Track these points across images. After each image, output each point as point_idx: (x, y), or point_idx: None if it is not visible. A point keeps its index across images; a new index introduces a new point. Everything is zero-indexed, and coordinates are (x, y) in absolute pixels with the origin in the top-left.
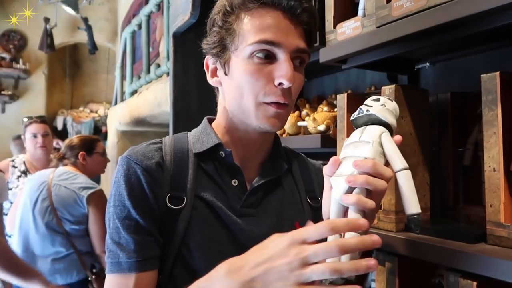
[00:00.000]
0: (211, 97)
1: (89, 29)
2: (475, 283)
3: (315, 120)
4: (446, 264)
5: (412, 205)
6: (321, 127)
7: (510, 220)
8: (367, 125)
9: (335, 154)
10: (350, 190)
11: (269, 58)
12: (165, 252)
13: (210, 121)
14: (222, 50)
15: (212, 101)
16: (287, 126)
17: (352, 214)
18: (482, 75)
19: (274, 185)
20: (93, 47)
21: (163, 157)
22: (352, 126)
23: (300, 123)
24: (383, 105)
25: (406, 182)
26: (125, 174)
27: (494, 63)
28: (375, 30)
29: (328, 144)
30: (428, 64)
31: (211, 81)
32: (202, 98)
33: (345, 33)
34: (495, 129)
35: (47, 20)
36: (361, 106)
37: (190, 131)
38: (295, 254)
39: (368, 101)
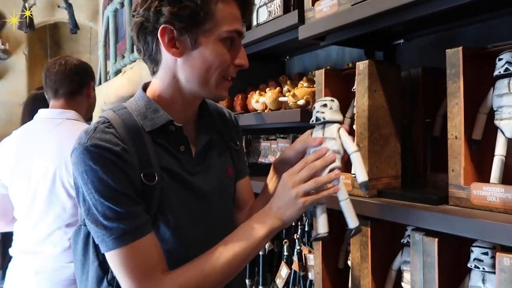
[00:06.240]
0: None
1: (69, 7)
2: (436, 240)
3: (295, 96)
4: (413, 224)
5: (362, 175)
6: (301, 102)
7: (469, 183)
8: (325, 124)
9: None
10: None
11: (233, 43)
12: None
13: (145, 90)
14: (192, 25)
15: None
16: (269, 102)
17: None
18: (447, 50)
19: (210, 142)
20: (75, 26)
21: (123, 140)
22: None
23: (281, 99)
24: (331, 108)
25: (357, 160)
26: (97, 162)
27: (467, 39)
28: (351, 7)
29: (308, 118)
30: (402, 41)
31: (168, 50)
32: None
33: (322, 11)
34: (457, 100)
35: None
36: (317, 114)
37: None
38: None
39: (318, 107)
